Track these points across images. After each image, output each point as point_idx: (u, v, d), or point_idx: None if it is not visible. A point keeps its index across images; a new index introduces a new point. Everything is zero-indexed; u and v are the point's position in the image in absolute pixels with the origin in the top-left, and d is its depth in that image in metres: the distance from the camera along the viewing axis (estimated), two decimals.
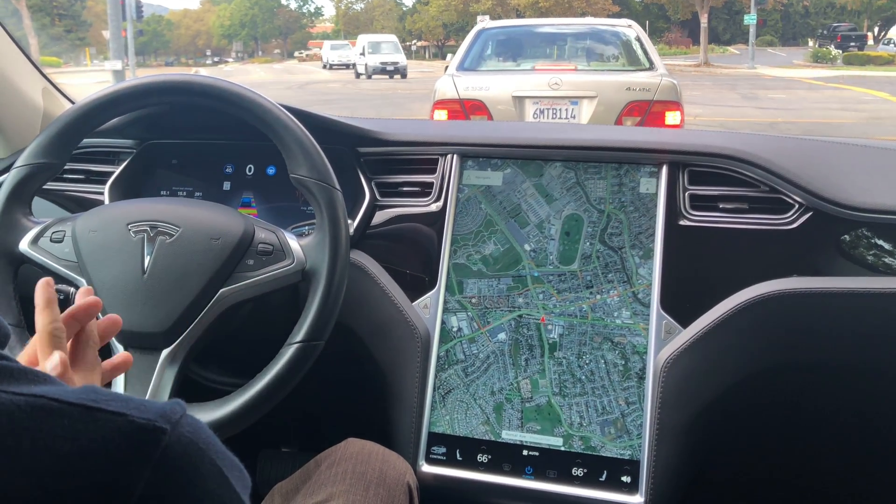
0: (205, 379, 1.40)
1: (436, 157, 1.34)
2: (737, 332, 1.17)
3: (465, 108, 5.83)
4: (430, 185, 1.33)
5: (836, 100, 16.10)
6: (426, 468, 1.23)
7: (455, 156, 1.32)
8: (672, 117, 5.73)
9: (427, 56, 64.21)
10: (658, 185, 1.25)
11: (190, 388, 1.10)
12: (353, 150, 1.37)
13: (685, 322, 1.20)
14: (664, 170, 1.25)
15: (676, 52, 44.74)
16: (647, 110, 5.67)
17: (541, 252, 1.27)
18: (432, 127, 1.45)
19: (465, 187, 1.31)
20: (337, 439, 1.79)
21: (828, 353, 1.20)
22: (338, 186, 1.11)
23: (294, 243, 1.10)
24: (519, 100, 5.75)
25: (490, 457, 1.22)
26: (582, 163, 1.28)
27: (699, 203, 1.25)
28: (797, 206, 1.22)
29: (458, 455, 1.23)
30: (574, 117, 5.71)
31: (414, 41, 67.34)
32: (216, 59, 76.87)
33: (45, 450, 0.41)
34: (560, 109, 5.74)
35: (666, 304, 1.21)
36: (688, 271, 1.22)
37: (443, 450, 1.24)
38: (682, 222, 1.24)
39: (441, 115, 5.91)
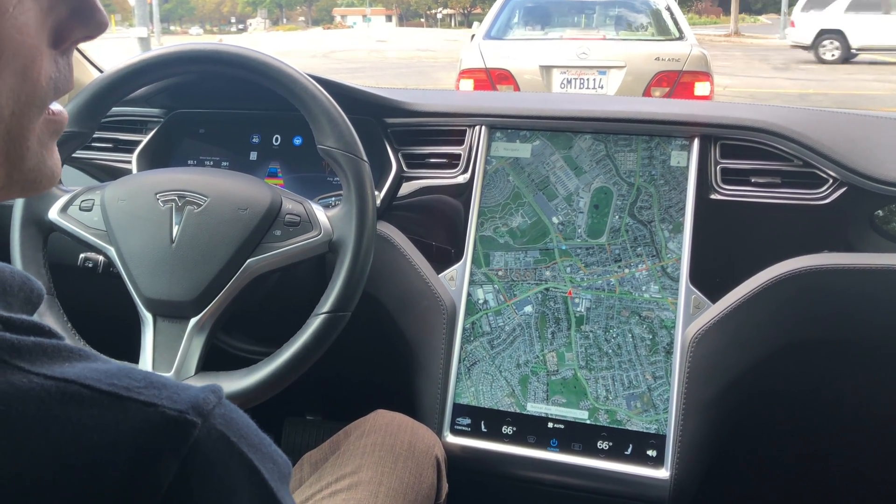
0: (231, 347, 1.41)
1: (464, 128, 1.33)
2: (766, 307, 1.16)
3: (492, 78, 5.79)
4: (458, 156, 1.32)
5: (870, 70, 15.79)
6: (451, 439, 1.23)
7: (483, 127, 1.31)
8: (701, 88, 5.65)
9: (453, 24, 63.70)
10: (689, 159, 1.23)
11: (216, 356, 1.11)
12: (379, 120, 1.36)
13: (714, 297, 1.19)
14: (696, 143, 1.23)
15: (706, 22, 44.04)
16: (676, 81, 5.60)
17: (569, 225, 1.26)
18: (460, 97, 1.44)
19: (493, 159, 1.30)
20: (361, 408, 1.80)
21: (858, 330, 1.19)
22: (365, 158, 1.10)
23: (321, 214, 1.10)
24: (546, 69, 5.70)
25: (515, 429, 1.22)
26: (612, 135, 1.27)
27: (731, 177, 1.23)
28: (831, 180, 1.20)
29: (482, 427, 1.23)
30: (602, 87, 5.66)
31: (440, 9, 66.81)
32: (240, 26, 76.69)
33: (73, 440, 0.40)
34: (588, 79, 5.68)
35: (695, 278, 1.19)
36: (718, 246, 1.21)
37: (468, 421, 1.24)
38: (712, 196, 1.22)
39: (467, 84, 5.87)
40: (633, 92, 5.60)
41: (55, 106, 0.49)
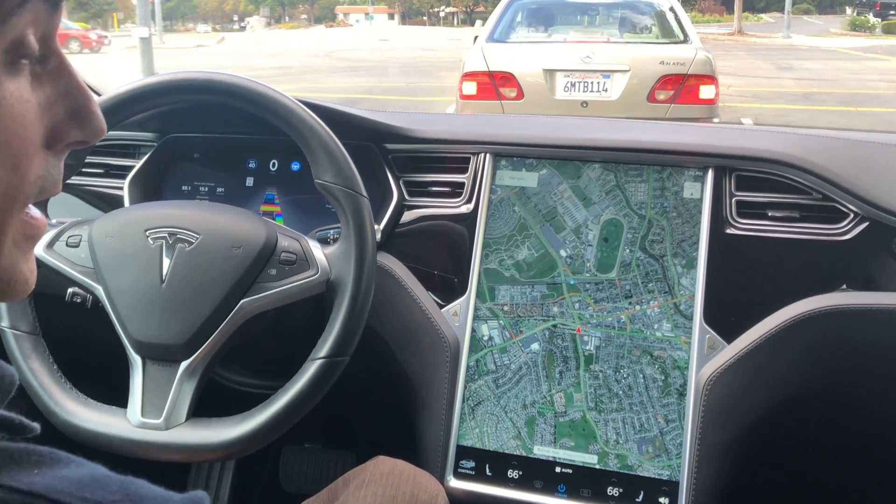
0: (226, 380, 1.36)
1: (467, 155, 1.28)
2: (785, 349, 1.11)
3: (495, 81, 5.74)
4: (462, 185, 1.27)
5: (874, 70, 15.73)
6: (454, 483, 1.18)
7: (488, 155, 1.26)
8: (706, 91, 5.61)
9: (455, 22, 63.64)
10: (703, 190, 1.18)
11: (211, 390, 1.06)
12: (380, 146, 1.31)
13: (729, 337, 1.13)
14: (710, 174, 1.18)
15: (709, 20, 43.95)
16: (681, 84, 5.56)
17: (577, 259, 1.21)
18: (464, 123, 1.39)
19: (498, 188, 1.25)
20: (361, 437, 1.76)
21: (879, 369, 1.14)
22: (365, 193, 1.05)
23: (318, 252, 1.05)
24: (549, 73, 5.65)
25: (521, 473, 1.17)
26: (622, 164, 1.22)
27: (746, 210, 1.17)
28: (852, 215, 1.14)
29: (487, 470, 1.18)
30: (606, 90, 5.61)
31: (442, 7, 66.74)
32: (242, 24, 76.60)
33: None
34: (592, 83, 5.63)
35: (709, 316, 1.14)
36: (733, 283, 1.15)
37: (472, 464, 1.19)
38: (728, 230, 1.17)
39: (470, 86, 5.83)
40: (638, 95, 5.55)
41: (35, 211, 0.48)
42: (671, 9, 6.39)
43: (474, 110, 5.79)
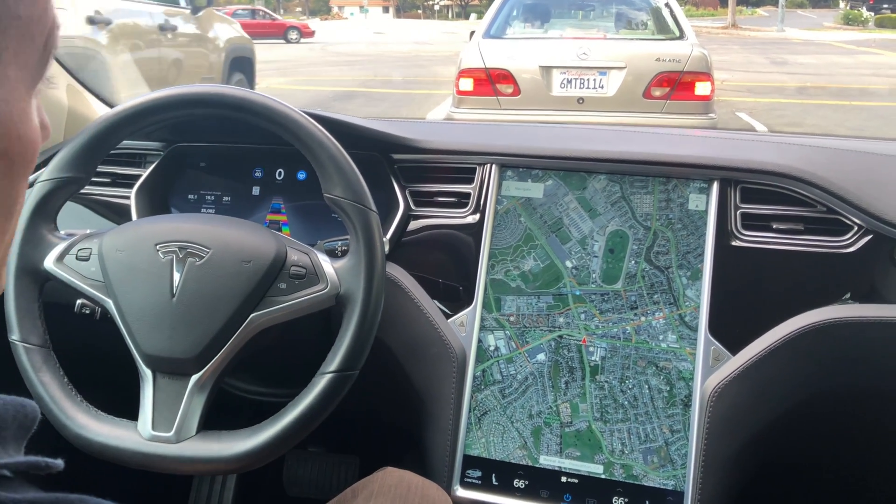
0: (236, 388, 1.37)
1: (473, 166, 1.29)
2: (790, 360, 1.12)
3: (492, 78, 5.74)
4: (468, 195, 1.28)
5: (867, 65, 15.76)
6: (461, 492, 1.19)
7: (494, 165, 1.27)
8: (702, 88, 5.62)
9: (450, 16, 63.46)
10: (708, 203, 1.19)
11: (220, 399, 1.07)
12: (386, 156, 1.31)
13: (734, 348, 1.14)
14: (715, 186, 1.19)
15: (703, 14, 43.92)
16: (677, 81, 5.56)
17: (583, 270, 1.21)
18: (470, 133, 1.39)
19: (504, 199, 1.26)
20: (366, 443, 1.77)
21: (883, 382, 1.15)
22: (374, 208, 1.06)
23: (328, 266, 1.05)
24: (546, 70, 5.65)
25: (527, 482, 1.18)
26: (628, 176, 1.22)
27: (751, 222, 1.18)
28: (856, 227, 1.15)
29: (493, 479, 1.19)
30: (602, 87, 5.62)
31: (437, 0, 66.54)
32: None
33: None
34: (588, 80, 5.64)
35: (714, 328, 1.15)
36: (738, 294, 1.17)
37: (478, 473, 1.20)
38: (732, 242, 1.18)
39: (466, 83, 5.83)
40: (634, 92, 5.56)
41: None
42: (667, 4, 6.39)
43: (471, 106, 5.80)
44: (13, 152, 0.45)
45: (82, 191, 1.39)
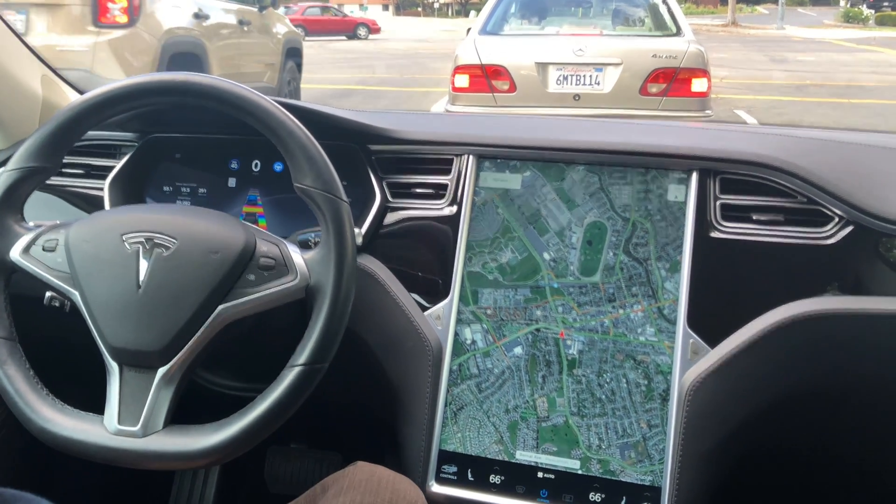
0: (208, 382, 1.35)
1: (451, 157, 1.27)
2: (769, 353, 1.10)
3: (487, 74, 5.72)
4: (445, 186, 1.26)
5: (866, 63, 15.74)
6: (436, 488, 1.17)
7: (471, 156, 1.25)
8: (698, 84, 5.61)
9: (450, 13, 63.39)
10: (687, 194, 1.17)
11: (192, 393, 1.05)
12: (363, 147, 1.29)
13: (713, 341, 1.13)
14: (694, 177, 1.17)
15: (704, 12, 43.89)
16: (673, 77, 5.55)
17: (561, 262, 1.20)
18: (448, 123, 1.37)
19: (482, 190, 1.24)
20: (347, 437, 1.75)
21: (864, 373, 1.13)
22: (345, 198, 1.04)
23: (298, 257, 1.04)
24: (542, 66, 5.64)
25: (503, 478, 1.16)
26: (606, 167, 1.20)
27: (731, 213, 1.16)
28: (837, 218, 1.13)
29: (469, 475, 1.17)
30: (598, 84, 5.60)
31: None
32: None
33: None
34: (584, 76, 5.62)
35: (693, 321, 1.13)
36: (717, 286, 1.15)
37: (454, 469, 1.18)
38: (712, 234, 1.16)
39: (462, 79, 5.81)
40: (630, 88, 5.55)
41: None
42: (664, 1, 6.37)
43: (467, 103, 5.78)
44: None
45: (57, 182, 1.38)
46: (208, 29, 6.31)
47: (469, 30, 6.51)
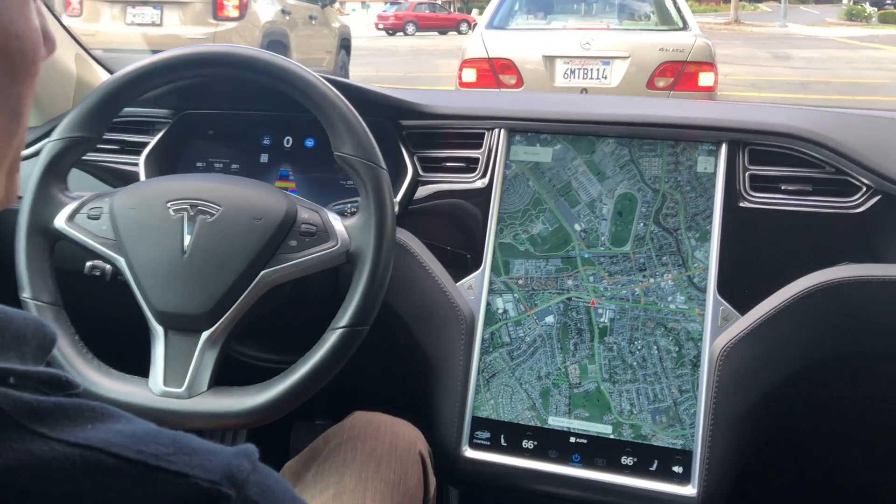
0: (243, 355, 1.37)
1: (482, 131, 1.29)
2: (798, 320, 1.12)
3: (495, 68, 5.74)
4: (476, 160, 1.28)
5: (870, 60, 15.75)
6: (470, 453, 1.19)
7: (502, 130, 1.27)
8: (706, 78, 5.61)
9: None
10: (717, 165, 1.19)
11: (228, 366, 1.08)
12: (395, 122, 1.32)
13: (743, 308, 1.15)
14: (723, 148, 1.19)
15: (706, 9, 43.87)
16: (681, 71, 5.56)
17: (591, 232, 1.22)
18: (478, 98, 1.40)
19: (513, 163, 1.26)
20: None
21: (892, 339, 1.15)
22: (384, 166, 1.06)
23: (338, 224, 1.06)
24: (549, 59, 5.65)
25: (536, 443, 1.19)
26: (636, 139, 1.23)
27: (760, 184, 1.19)
28: (865, 188, 1.16)
29: (502, 440, 1.20)
30: (605, 77, 5.62)
31: None
32: None
33: None
34: (591, 70, 5.63)
35: (723, 289, 1.16)
36: (746, 255, 1.17)
37: (487, 435, 1.20)
38: (741, 204, 1.18)
39: (469, 73, 5.83)
40: (637, 82, 5.56)
41: None
42: None
43: None
44: (12, 50, 0.45)
45: (91, 158, 1.40)
46: (290, 22, 8.55)
47: (475, 25, 6.52)
